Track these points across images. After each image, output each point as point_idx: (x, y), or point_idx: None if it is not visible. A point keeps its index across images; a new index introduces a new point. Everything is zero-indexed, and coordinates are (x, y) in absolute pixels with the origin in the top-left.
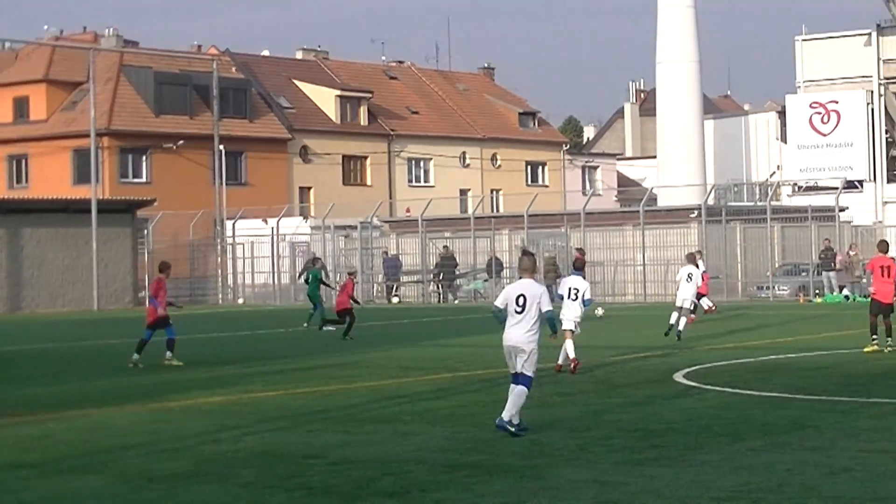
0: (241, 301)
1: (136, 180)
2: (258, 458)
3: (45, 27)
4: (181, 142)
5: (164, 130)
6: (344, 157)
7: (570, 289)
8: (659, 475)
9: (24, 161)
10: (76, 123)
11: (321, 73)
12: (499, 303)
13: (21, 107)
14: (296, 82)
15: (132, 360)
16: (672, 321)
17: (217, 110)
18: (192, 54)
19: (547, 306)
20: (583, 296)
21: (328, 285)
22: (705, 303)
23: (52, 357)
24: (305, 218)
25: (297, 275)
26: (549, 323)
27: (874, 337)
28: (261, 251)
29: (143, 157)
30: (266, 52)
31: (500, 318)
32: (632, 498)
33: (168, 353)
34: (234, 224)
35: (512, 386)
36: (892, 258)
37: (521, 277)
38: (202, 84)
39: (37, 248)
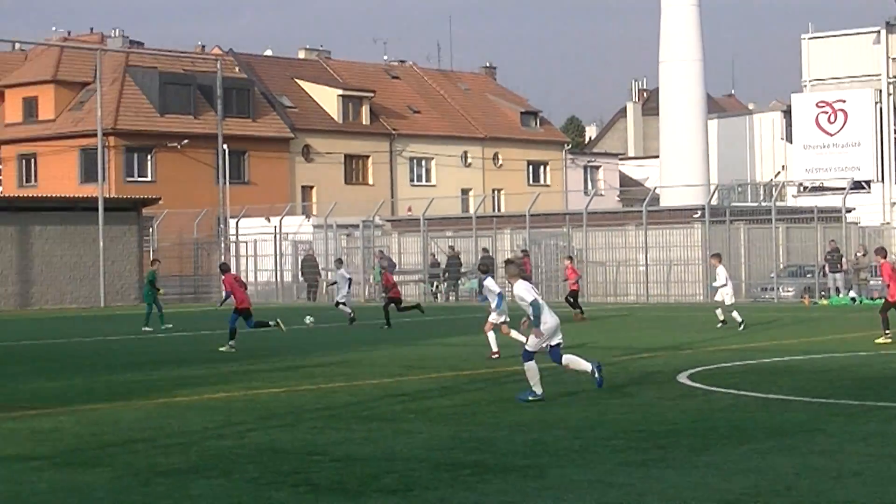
0: None
1: (141, 179)
2: (262, 454)
3: (53, 28)
4: (185, 141)
5: (169, 130)
6: (346, 156)
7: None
8: (664, 477)
9: (33, 160)
10: (83, 123)
11: (323, 73)
12: (534, 297)
13: (30, 107)
14: (298, 82)
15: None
16: (738, 318)
17: (221, 110)
18: (195, 55)
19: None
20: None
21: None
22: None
23: (61, 352)
24: (308, 217)
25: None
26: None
27: (888, 331)
28: (263, 249)
29: (148, 157)
30: (269, 52)
31: (539, 308)
32: (637, 499)
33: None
34: (237, 222)
35: (564, 357)
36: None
37: (512, 282)
38: (206, 84)
39: (45, 245)
